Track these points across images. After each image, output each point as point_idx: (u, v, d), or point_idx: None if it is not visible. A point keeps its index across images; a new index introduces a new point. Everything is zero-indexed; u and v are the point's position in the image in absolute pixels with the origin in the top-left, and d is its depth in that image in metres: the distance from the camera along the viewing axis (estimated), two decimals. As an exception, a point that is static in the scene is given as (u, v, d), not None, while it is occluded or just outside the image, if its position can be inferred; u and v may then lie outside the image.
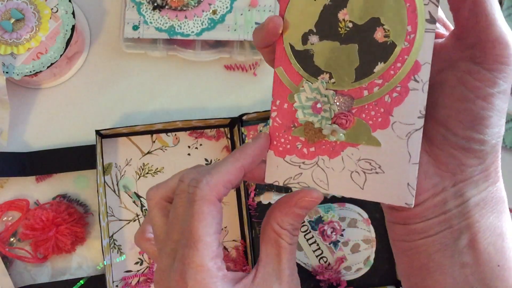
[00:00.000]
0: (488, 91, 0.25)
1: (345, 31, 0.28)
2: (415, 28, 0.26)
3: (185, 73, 0.66)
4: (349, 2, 0.27)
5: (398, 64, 0.27)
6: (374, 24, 0.27)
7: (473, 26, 0.26)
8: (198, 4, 0.62)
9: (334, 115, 0.28)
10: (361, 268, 0.61)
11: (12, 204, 0.62)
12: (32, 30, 0.59)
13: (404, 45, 0.27)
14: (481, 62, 0.26)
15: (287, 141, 0.30)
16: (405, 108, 0.27)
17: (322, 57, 0.28)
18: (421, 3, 0.26)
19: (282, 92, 0.30)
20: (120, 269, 0.62)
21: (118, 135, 0.63)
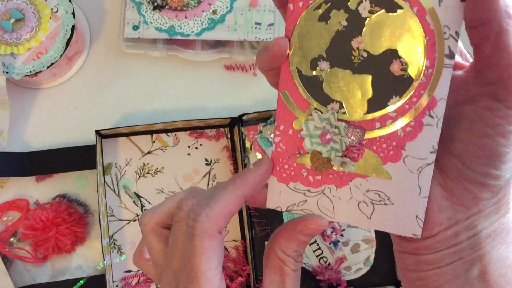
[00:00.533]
0: (508, 128, 0.25)
1: (358, 60, 0.27)
2: (434, 62, 0.26)
3: (185, 73, 0.66)
4: (364, 30, 0.26)
5: (414, 99, 0.26)
6: (390, 56, 0.26)
7: (495, 63, 0.25)
8: (198, 4, 0.62)
9: (347, 147, 0.28)
10: (361, 268, 0.61)
11: (12, 204, 0.62)
12: (32, 30, 0.59)
13: (421, 80, 0.26)
14: (502, 100, 0.25)
15: (292, 168, 0.29)
16: (418, 143, 0.27)
17: (332, 85, 0.27)
18: (442, 37, 0.25)
19: (286, 117, 0.28)
20: (120, 269, 0.62)
21: (118, 135, 0.63)
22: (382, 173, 0.28)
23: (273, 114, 0.62)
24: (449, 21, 0.25)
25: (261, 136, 0.63)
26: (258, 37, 0.62)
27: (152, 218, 0.31)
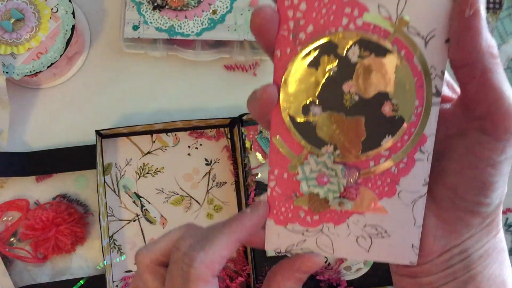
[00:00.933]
0: (496, 159, 0.26)
1: (350, 104, 0.27)
2: (422, 101, 0.27)
3: (185, 73, 0.66)
4: (355, 74, 0.27)
5: (405, 137, 0.27)
6: (382, 98, 0.27)
7: (481, 99, 0.26)
8: (198, 4, 0.62)
9: (344, 188, 0.28)
10: (361, 268, 0.61)
11: (12, 204, 0.62)
12: (32, 30, 0.59)
13: (411, 119, 0.27)
14: (490, 134, 0.26)
15: (289, 210, 0.29)
16: (411, 178, 0.28)
17: (325, 128, 0.28)
18: (429, 77, 0.26)
19: (280, 162, 0.29)
20: (120, 269, 0.62)
21: (118, 135, 0.63)
22: (378, 208, 0.29)
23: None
24: (435, 62, 0.26)
25: (261, 136, 0.63)
26: (258, 37, 0.62)
27: (148, 256, 0.31)
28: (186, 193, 0.64)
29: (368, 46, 0.26)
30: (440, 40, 0.26)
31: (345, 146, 0.28)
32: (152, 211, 0.63)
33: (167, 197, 0.63)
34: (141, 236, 0.62)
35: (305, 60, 0.27)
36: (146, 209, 0.63)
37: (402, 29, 0.26)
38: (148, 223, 0.63)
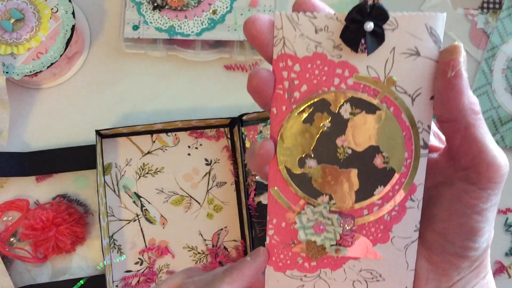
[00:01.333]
0: (482, 206, 0.28)
1: (344, 157, 0.29)
2: (411, 154, 0.29)
3: (185, 73, 0.66)
4: (347, 130, 0.29)
5: (396, 187, 0.29)
6: (373, 151, 0.29)
7: (466, 151, 0.28)
8: (198, 4, 0.62)
9: (340, 236, 0.30)
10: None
11: (12, 204, 0.62)
12: (32, 30, 0.59)
13: (402, 170, 0.29)
14: (475, 183, 0.28)
15: (287, 257, 0.31)
16: (403, 225, 0.30)
17: (321, 180, 0.29)
18: (416, 131, 0.28)
19: (278, 211, 0.30)
20: (120, 269, 0.62)
21: (118, 135, 0.63)
22: (373, 254, 0.30)
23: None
24: (422, 117, 0.28)
25: (261, 136, 0.63)
26: (258, 37, 0.62)
27: None
28: (186, 193, 0.64)
29: (359, 104, 0.28)
30: (425, 97, 0.28)
31: (340, 196, 0.30)
32: (152, 211, 0.63)
33: (167, 197, 0.63)
34: (141, 236, 0.63)
35: (300, 117, 0.29)
36: (146, 209, 0.63)
37: (390, 88, 0.28)
38: (148, 223, 0.63)
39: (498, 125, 0.65)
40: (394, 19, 0.27)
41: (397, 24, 0.27)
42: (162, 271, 0.62)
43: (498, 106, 0.66)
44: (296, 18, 0.28)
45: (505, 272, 0.64)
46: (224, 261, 0.62)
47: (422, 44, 0.27)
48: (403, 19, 0.27)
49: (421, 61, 0.27)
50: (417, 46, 0.27)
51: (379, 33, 0.27)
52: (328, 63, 0.28)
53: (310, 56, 0.28)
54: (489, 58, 0.67)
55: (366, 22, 0.26)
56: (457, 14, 0.68)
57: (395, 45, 0.27)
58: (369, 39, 0.27)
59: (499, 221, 0.64)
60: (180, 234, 0.63)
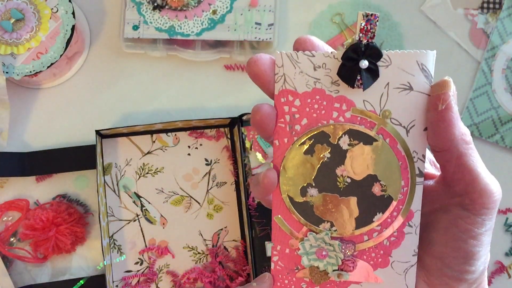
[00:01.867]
0: (477, 231, 0.29)
1: (344, 185, 0.30)
2: (408, 182, 0.30)
3: (185, 73, 0.66)
4: (346, 160, 0.30)
5: (395, 213, 0.31)
6: (371, 180, 0.30)
7: (459, 178, 0.29)
8: (198, 4, 0.62)
9: (342, 261, 0.31)
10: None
11: (12, 204, 0.62)
12: (32, 30, 0.59)
13: (399, 197, 0.30)
14: (470, 210, 0.29)
15: (292, 282, 0.32)
16: (402, 249, 0.31)
17: (322, 208, 0.31)
18: (412, 161, 0.30)
19: (282, 238, 0.32)
20: (120, 269, 0.62)
21: (118, 135, 0.63)
22: (374, 278, 0.32)
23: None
24: (416, 147, 0.30)
25: (261, 137, 0.63)
26: (258, 37, 0.62)
27: None
28: (186, 193, 0.64)
29: (356, 136, 0.30)
30: (419, 128, 0.29)
31: (341, 223, 0.31)
32: (152, 211, 0.63)
33: (167, 197, 0.63)
34: (141, 236, 0.63)
35: (301, 148, 0.30)
36: (146, 209, 0.63)
37: (386, 120, 0.29)
38: (148, 223, 0.63)
39: (498, 125, 0.65)
40: (387, 56, 0.29)
41: (390, 61, 0.28)
42: (162, 271, 0.62)
43: (498, 106, 0.66)
44: (296, 57, 0.29)
45: (505, 272, 0.64)
46: (224, 261, 0.62)
47: (414, 79, 0.29)
48: (396, 56, 0.29)
49: (414, 95, 0.29)
50: (409, 81, 0.28)
51: (373, 69, 0.28)
52: (327, 97, 0.29)
53: (309, 92, 0.30)
54: (489, 58, 0.67)
55: (361, 60, 0.28)
56: (457, 14, 0.68)
57: (389, 81, 0.29)
58: (364, 75, 0.28)
59: (499, 221, 0.64)
60: (180, 234, 0.63)
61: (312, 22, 0.67)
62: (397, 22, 0.67)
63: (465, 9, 0.68)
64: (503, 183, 0.71)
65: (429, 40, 0.67)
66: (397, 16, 0.67)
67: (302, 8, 0.68)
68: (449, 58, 0.67)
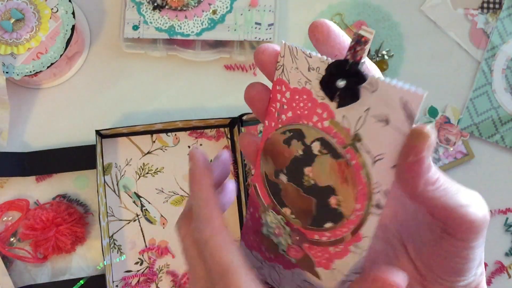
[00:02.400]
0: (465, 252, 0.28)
1: (308, 184, 0.31)
2: (363, 207, 0.29)
3: (185, 73, 0.66)
4: (314, 163, 0.30)
5: (344, 229, 0.30)
6: (330, 191, 0.30)
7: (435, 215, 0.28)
8: (198, 4, 0.62)
9: (288, 245, 0.33)
10: (361, 268, 0.61)
11: (12, 204, 0.62)
12: (32, 30, 0.59)
13: (351, 217, 0.30)
14: (453, 235, 0.28)
15: (255, 241, 0.35)
16: (344, 263, 0.31)
17: (287, 194, 0.32)
18: (371, 191, 0.28)
19: (255, 204, 0.34)
20: (120, 269, 0.62)
21: (118, 135, 0.63)
22: (314, 273, 0.32)
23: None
24: (380, 180, 0.28)
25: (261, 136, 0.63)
26: (258, 37, 0.62)
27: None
28: (186, 193, 0.64)
29: (326, 146, 0.29)
30: (387, 164, 0.28)
31: (299, 214, 0.32)
32: (152, 211, 0.63)
33: (167, 197, 0.63)
34: (141, 236, 0.63)
35: (282, 137, 0.31)
36: (146, 209, 0.63)
37: (356, 143, 0.28)
38: (148, 223, 0.63)
39: (498, 125, 0.65)
40: (377, 82, 0.27)
41: (377, 88, 0.27)
42: (162, 271, 0.62)
43: (498, 106, 0.66)
44: (295, 52, 0.29)
45: (505, 272, 0.64)
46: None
47: (393, 115, 0.27)
48: (384, 85, 0.27)
49: (389, 130, 0.27)
50: (388, 115, 0.27)
51: (352, 91, 0.27)
52: (312, 100, 0.29)
53: (299, 89, 0.29)
54: (489, 58, 0.67)
55: (339, 78, 0.27)
56: (457, 14, 0.68)
57: (370, 107, 0.27)
58: (341, 94, 0.27)
59: (499, 221, 0.64)
60: (180, 234, 0.63)
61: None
62: (397, 22, 0.67)
63: (465, 9, 0.68)
64: (503, 183, 0.71)
65: (429, 40, 0.67)
66: (397, 16, 0.67)
67: (302, 8, 0.68)
68: (449, 58, 0.67)
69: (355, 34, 0.27)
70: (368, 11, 0.67)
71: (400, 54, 0.66)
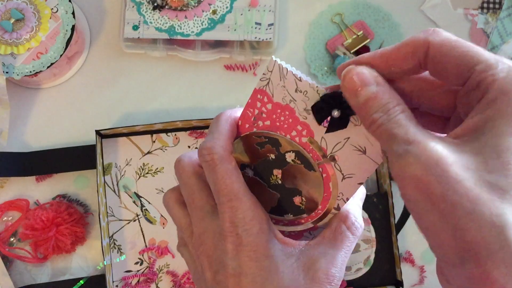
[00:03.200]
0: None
1: (274, 183, 0.35)
2: (324, 208, 0.35)
3: (185, 73, 0.66)
4: (285, 168, 0.34)
5: (302, 221, 0.36)
6: (296, 192, 0.35)
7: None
8: (198, 4, 0.62)
9: None
10: (361, 268, 0.61)
11: (12, 204, 0.62)
12: (32, 30, 0.59)
13: (311, 214, 0.35)
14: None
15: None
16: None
17: (251, 185, 0.34)
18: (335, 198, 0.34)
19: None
20: (120, 269, 0.62)
21: (118, 135, 0.63)
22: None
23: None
24: (344, 191, 0.33)
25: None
26: (258, 37, 0.62)
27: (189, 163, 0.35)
28: (186, 193, 0.63)
29: (301, 158, 0.33)
30: (355, 181, 0.32)
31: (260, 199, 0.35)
32: (152, 211, 0.63)
33: (167, 197, 0.63)
34: (141, 236, 0.63)
35: (255, 139, 0.34)
36: (146, 209, 0.63)
37: (330, 162, 0.32)
38: (148, 223, 0.63)
39: (498, 125, 0.65)
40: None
41: (360, 124, 0.30)
42: (162, 271, 0.62)
43: (498, 106, 0.66)
44: (285, 72, 0.31)
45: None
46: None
47: (371, 149, 0.30)
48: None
49: (364, 158, 0.31)
50: (366, 147, 0.30)
51: (343, 120, 0.30)
52: (294, 117, 0.32)
53: (282, 105, 0.32)
54: (489, 58, 0.66)
55: (335, 109, 0.30)
56: (457, 14, 0.68)
57: (350, 137, 0.31)
58: (332, 122, 0.30)
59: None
60: (180, 234, 0.63)
61: (312, 22, 0.67)
62: (397, 22, 0.67)
63: (465, 9, 0.68)
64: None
65: (429, 40, 0.67)
66: (397, 16, 0.67)
67: (302, 8, 0.68)
68: (449, 58, 0.67)
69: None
70: (368, 11, 0.67)
71: (400, 54, 0.66)
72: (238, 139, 0.35)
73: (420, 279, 0.64)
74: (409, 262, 0.64)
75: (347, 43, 0.65)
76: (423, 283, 0.64)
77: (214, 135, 0.33)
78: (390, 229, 0.61)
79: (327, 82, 0.66)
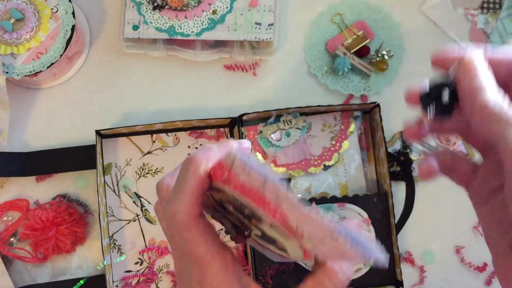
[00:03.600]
0: None
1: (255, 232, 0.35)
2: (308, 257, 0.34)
3: (185, 73, 0.66)
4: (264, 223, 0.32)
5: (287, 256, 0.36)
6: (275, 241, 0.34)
7: None
8: (198, 4, 0.62)
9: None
10: (361, 268, 0.61)
11: (12, 204, 0.62)
12: (32, 30, 0.59)
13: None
14: None
15: None
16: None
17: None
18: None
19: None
20: (120, 269, 0.62)
21: (118, 135, 0.63)
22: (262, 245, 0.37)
23: (273, 114, 0.62)
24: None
25: (261, 136, 0.63)
26: (258, 37, 0.62)
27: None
28: (186, 193, 0.63)
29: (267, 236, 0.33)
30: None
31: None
32: (152, 211, 0.63)
33: (167, 197, 0.63)
34: (141, 236, 0.63)
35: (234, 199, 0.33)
36: (146, 209, 0.63)
37: (303, 242, 0.31)
38: (148, 223, 0.63)
39: (498, 125, 0.65)
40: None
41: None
42: (162, 271, 0.62)
43: (498, 106, 0.66)
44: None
45: (505, 272, 0.64)
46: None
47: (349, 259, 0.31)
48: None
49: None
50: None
51: (448, 107, 0.31)
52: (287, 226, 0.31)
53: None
54: (489, 58, 0.66)
55: (445, 87, 0.31)
56: (457, 14, 0.68)
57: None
58: (437, 107, 0.31)
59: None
60: (180, 234, 0.63)
61: (312, 22, 0.67)
62: (397, 22, 0.67)
63: (465, 9, 0.68)
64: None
65: (429, 40, 0.67)
66: (397, 16, 0.67)
67: (302, 8, 0.68)
68: (449, 58, 0.67)
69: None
70: (368, 11, 0.67)
71: (400, 54, 0.66)
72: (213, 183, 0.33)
73: (420, 279, 0.64)
74: (409, 262, 0.64)
75: (347, 43, 0.65)
76: (423, 283, 0.64)
77: (178, 195, 0.32)
78: (390, 229, 0.61)
79: (327, 82, 0.66)
